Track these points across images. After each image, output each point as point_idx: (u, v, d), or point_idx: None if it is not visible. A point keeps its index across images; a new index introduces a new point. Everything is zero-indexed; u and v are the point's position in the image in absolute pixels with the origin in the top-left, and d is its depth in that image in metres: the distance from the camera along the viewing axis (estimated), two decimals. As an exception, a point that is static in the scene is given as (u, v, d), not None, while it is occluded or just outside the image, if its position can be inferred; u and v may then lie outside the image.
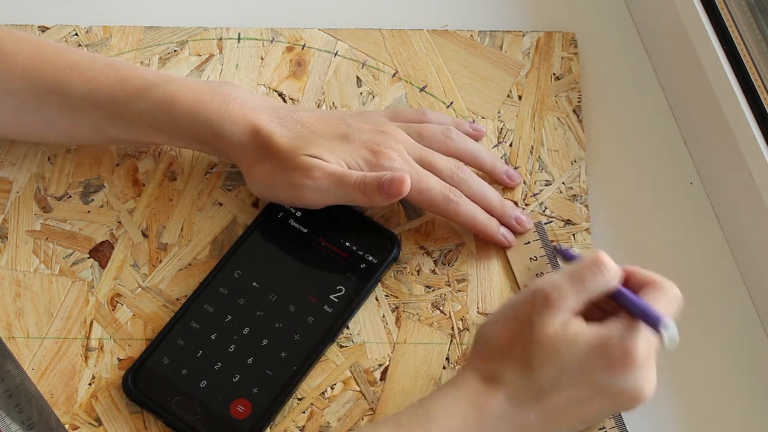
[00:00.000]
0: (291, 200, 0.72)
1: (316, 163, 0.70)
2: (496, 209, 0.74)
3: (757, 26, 0.75)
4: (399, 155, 0.72)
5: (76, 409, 0.70)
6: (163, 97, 0.71)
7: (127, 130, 0.72)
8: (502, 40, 0.83)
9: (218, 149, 0.73)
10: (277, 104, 0.74)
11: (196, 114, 0.71)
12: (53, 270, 0.74)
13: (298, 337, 0.70)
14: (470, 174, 0.74)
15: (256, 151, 0.71)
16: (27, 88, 0.71)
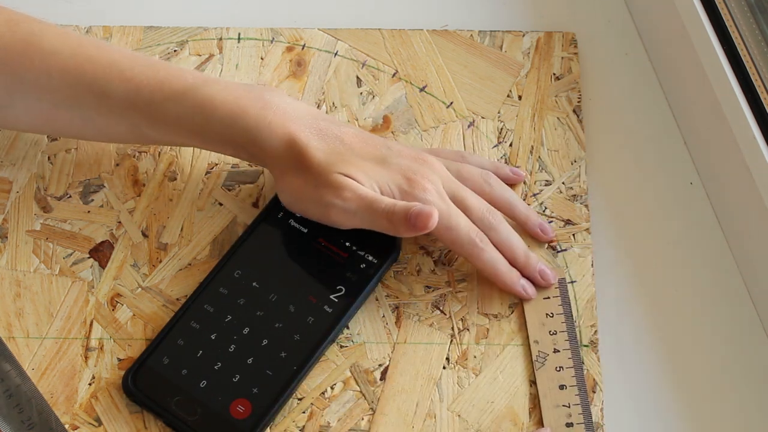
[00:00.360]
0: (318, 217, 0.72)
1: (348, 183, 0.70)
2: (520, 260, 0.73)
3: (757, 26, 0.75)
4: (434, 187, 0.71)
5: (76, 409, 0.70)
6: (201, 101, 0.70)
7: (164, 132, 0.72)
8: (502, 40, 0.83)
9: (254, 155, 0.72)
10: (320, 115, 0.73)
11: (234, 120, 0.70)
12: (53, 270, 0.74)
13: (298, 337, 0.70)
14: (501, 220, 0.73)
15: (291, 161, 0.71)
16: (65, 86, 0.71)
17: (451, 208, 0.71)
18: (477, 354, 0.72)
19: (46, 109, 0.72)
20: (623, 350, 0.73)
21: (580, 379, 0.70)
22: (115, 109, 0.71)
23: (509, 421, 0.70)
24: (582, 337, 0.73)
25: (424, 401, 0.71)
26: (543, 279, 0.73)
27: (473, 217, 0.72)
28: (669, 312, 0.74)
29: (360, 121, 0.79)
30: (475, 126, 0.79)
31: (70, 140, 0.78)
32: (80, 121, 0.72)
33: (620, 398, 0.71)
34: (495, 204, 0.73)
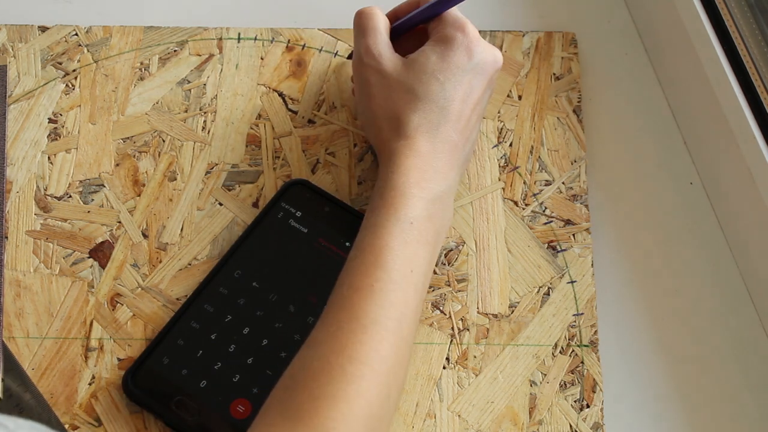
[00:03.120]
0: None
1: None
2: None
3: (757, 26, 0.75)
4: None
5: (76, 409, 0.70)
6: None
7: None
8: (502, 40, 0.83)
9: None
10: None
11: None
12: (53, 270, 0.74)
13: (298, 337, 0.70)
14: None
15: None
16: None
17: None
18: (477, 354, 0.72)
19: None
20: (623, 350, 0.73)
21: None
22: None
23: (509, 421, 0.70)
24: (582, 337, 0.73)
25: (424, 401, 0.71)
26: None
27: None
28: (669, 312, 0.74)
29: (360, 121, 0.79)
30: (475, 126, 0.79)
31: (70, 140, 0.78)
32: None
33: (620, 398, 0.71)
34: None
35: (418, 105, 0.70)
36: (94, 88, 0.80)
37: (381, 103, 0.72)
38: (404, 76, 0.71)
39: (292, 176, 0.77)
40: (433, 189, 0.69)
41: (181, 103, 0.80)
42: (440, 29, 0.72)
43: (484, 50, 0.72)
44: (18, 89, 0.79)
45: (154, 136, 0.78)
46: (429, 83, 0.71)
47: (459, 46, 0.71)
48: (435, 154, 0.70)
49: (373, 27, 0.74)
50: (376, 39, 0.73)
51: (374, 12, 0.74)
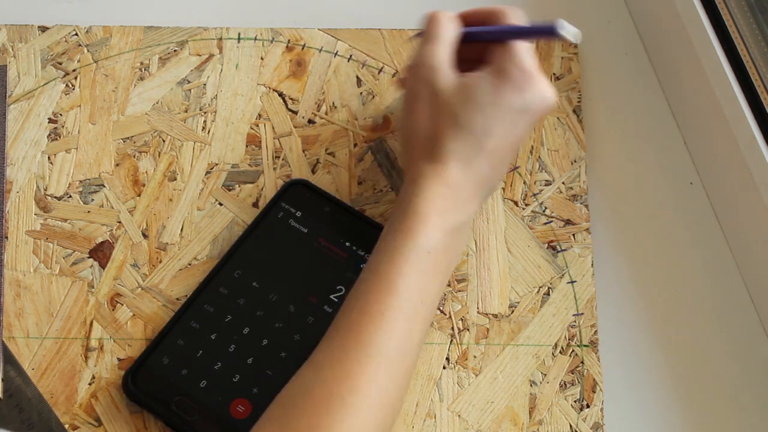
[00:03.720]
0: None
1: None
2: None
3: (757, 26, 0.75)
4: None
5: (76, 409, 0.70)
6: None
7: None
8: (502, 40, 0.83)
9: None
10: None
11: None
12: (53, 270, 0.74)
13: (298, 337, 0.70)
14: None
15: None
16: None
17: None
18: (477, 354, 0.72)
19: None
20: (623, 350, 0.73)
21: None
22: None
23: (509, 421, 0.70)
24: (582, 337, 0.73)
25: (424, 401, 0.71)
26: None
27: None
28: (669, 312, 0.74)
29: (360, 121, 0.79)
30: (475, 126, 0.79)
31: (70, 140, 0.78)
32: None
33: (620, 398, 0.71)
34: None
35: (458, 132, 0.68)
36: (94, 88, 0.80)
37: (423, 120, 0.70)
38: (453, 98, 0.69)
39: (292, 176, 0.77)
40: (454, 219, 0.67)
41: (181, 103, 0.80)
42: (502, 59, 0.69)
43: (538, 91, 0.69)
44: (18, 89, 0.79)
45: (154, 136, 0.78)
46: (474, 113, 0.68)
47: (513, 83, 0.68)
48: (463, 185, 0.68)
49: (440, 36, 0.71)
50: (438, 50, 0.70)
51: (445, 19, 0.72)
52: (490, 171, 0.69)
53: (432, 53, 0.70)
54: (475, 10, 0.73)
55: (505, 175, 0.73)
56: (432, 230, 0.66)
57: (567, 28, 0.68)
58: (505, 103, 0.68)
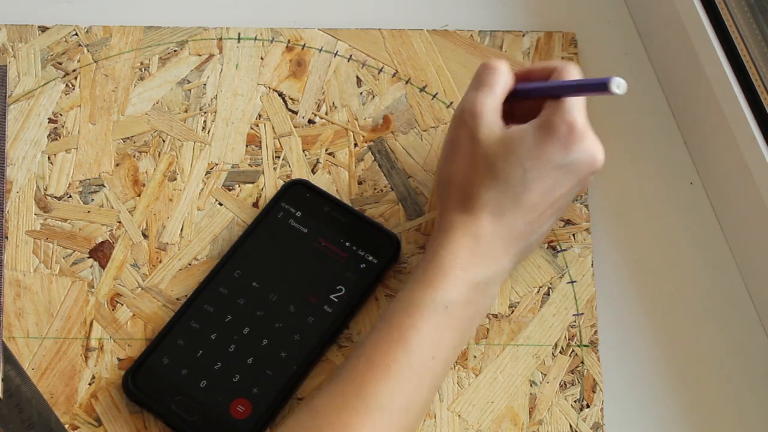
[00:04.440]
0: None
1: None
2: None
3: (757, 26, 0.75)
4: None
5: (76, 409, 0.70)
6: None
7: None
8: (502, 40, 0.83)
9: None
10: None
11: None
12: (53, 270, 0.74)
13: (298, 337, 0.70)
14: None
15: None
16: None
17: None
18: (477, 354, 0.72)
19: None
20: (623, 350, 0.73)
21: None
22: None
23: (509, 421, 0.70)
24: (582, 337, 0.73)
25: (424, 401, 0.70)
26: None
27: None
28: (669, 312, 0.74)
29: (360, 121, 0.79)
30: (475, 126, 0.79)
31: (70, 140, 0.78)
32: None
33: (620, 398, 0.71)
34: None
35: (494, 183, 0.67)
36: (94, 88, 0.80)
37: (460, 168, 0.68)
38: (493, 149, 0.67)
39: (292, 176, 0.77)
40: (479, 274, 0.66)
41: (181, 103, 0.80)
42: (550, 113, 0.67)
43: (584, 149, 0.67)
44: (18, 89, 0.79)
45: (154, 136, 0.78)
46: (513, 167, 0.66)
47: (559, 139, 0.66)
48: (493, 239, 0.67)
49: (490, 84, 0.69)
50: (486, 99, 0.68)
51: (498, 69, 0.69)
52: (526, 228, 0.67)
53: (479, 101, 0.68)
54: (532, 68, 0.72)
55: (546, 234, 0.70)
56: (452, 284, 0.65)
57: (620, 85, 0.65)
58: (548, 158, 0.66)
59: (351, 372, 0.63)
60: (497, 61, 0.70)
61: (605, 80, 0.65)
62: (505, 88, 0.69)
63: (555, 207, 0.68)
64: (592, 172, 0.68)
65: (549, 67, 0.70)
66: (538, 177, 0.67)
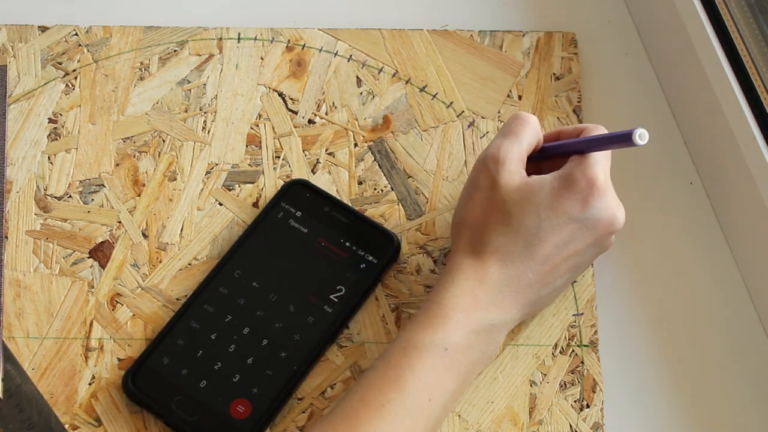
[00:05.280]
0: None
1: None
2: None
3: (757, 26, 0.75)
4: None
5: (76, 409, 0.70)
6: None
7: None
8: (502, 40, 0.83)
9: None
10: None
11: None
12: (53, 270, 0.74)
13: (298, 337, 0.70)
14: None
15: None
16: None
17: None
18: (477, 354, 0.72)
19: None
20: (623, 350, 0.73)
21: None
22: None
23: (509, 421, 0.70)
24: (582, 337, 0.73)
25: (424, 401, 0.70)
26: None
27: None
28: (669, 312, 0.74)
29: (360, 121, 0.79)
30: (475, 126, 0.80)
31: (71, 140, 0.78)
32: None
33: (620, 398, 0.71)
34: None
35: (506, 230, 0.66)
36: (94, 88, 0.80)
37: (475, 211, 0.68)
38: (511, 195, 0.66)
39: (292, 176, 0.77)
40: (482, 319, 0.65)
41: (181, 103, 0.80)
42: (572, 166, 0.67)
43: (603, 208, 0.66)
44: (18, 89, 0.79)
45: (154, 136, 0.78)
46: (528, 215, 0.66)
47: (577, 192, 0.66)
48: (500, 287, 0.66)
49: (517, 134, 0.69)
50: (511, 146, 0.68)
51: (528, 121, 0.69)
52: (537, 279, 0.67)
53: (504, 147, 0.68)
54: (562, 129, 0.72)
55: (561, 289, 0.70)
56: (453, 327, 0.64)
57: (643, 135, 0.65)
58: (564, 210, 0.66)
59: (345, 409, 0.63)
60: (528, 114, 0.70)
61: (628, 132, 0.65)
62: (531, 141, 0.69)
63: (570, 263, 0.68)
64: (610, 232, 0.68)
65: (579, 127, 0.71)
66: (553, 228, 0.66)
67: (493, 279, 0.66)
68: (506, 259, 0.66)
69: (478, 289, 0.66)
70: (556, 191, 0.66)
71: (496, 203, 0.67)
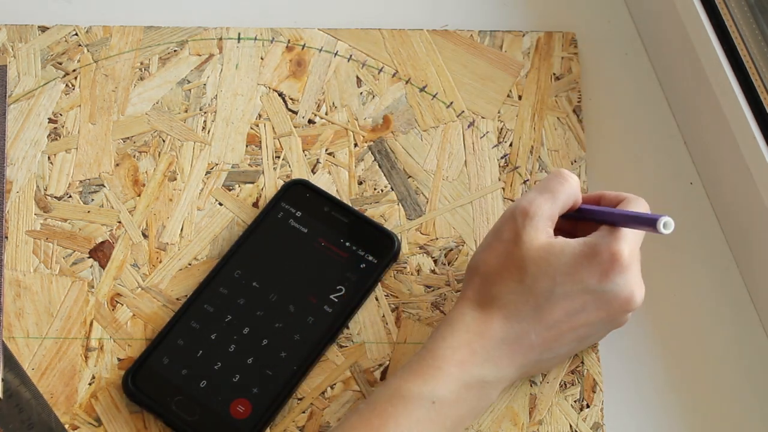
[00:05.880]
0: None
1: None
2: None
3: (757, 26, 0.75)
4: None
5: (76, 409, 0.70)
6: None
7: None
8: (502, 40, 0.83)
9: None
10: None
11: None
12: (53, 270, 0.74)
13: (298, 337, 0.70)
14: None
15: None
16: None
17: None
18: (477, 354, 0.72)
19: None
20: (623, 350, 0.73)
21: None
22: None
23: (509, 421, 0.70)
24: (582, 337, 0.73)
25: (424, 401, 0.70)
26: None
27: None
28: (669, 312, 0.74)
29: (360, 121, 0.79)
30: (475, 126, 0.80)
31: (71, 140, 0.78)
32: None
33: (620, 398, 0.71)
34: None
35: (518, 288, 0.64)
36: (94, 88, 0.80)
37: (491, 262, 0.66)
38: (530, 252, 0.64)
39: (292, 176, 0.77)
40: (476, 374, 0.63)
41: (181, 103, 0.80)
42: (599, 236, 0.65)
43: (622, 284, 0.64)
44: (18, 89, 0.79)
45: (154, 136, 0.78)
46: (542, 277, 0.64)
47: (598, 264, 0.64)
48: (499, 344, 0.64)
49: (553, 191, 0.66)
50: (544, 203, 0.66)
51: (567, 180, 0.67)
52: (540, 343, 0.65)
53: (536, 202, 0.66)
54: (604, 193, 0.70)
55: (564, 357, 0.68)
56: (444, 380, 0.63)
57: (667, 224, 0.63)
58: (581, 278, 0.64)
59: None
60: (570, 174, 0.68)
61: (655, 217, 0.63)
62: (567, 201, 0.67)
63: (578, 333, 0.66)
64: (626, 310, 0.66)
65: (620, 196, 0.69)
66: (566, 295, 0.64)
67: (495, 335, 0.64)
68: (512, 318, 0.64)
69: (477, 343, 0.64)
70: (578, 258, 0.64)
71: (514, 258, 0.65)
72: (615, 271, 0.64)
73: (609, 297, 0.65)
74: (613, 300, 0.65)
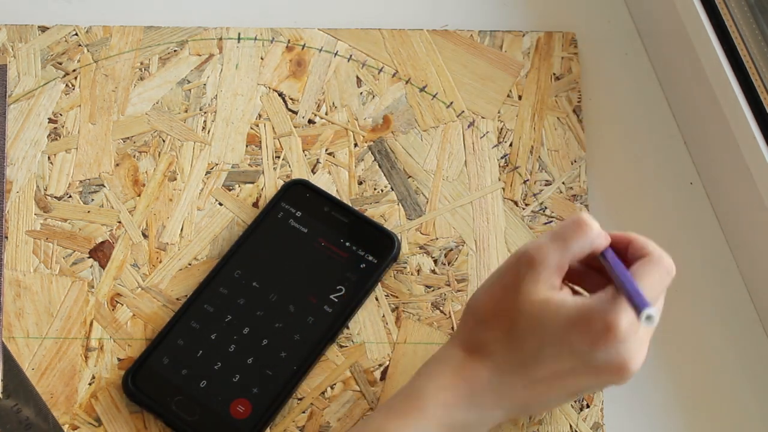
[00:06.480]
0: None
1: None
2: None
3: (757, 26, 0.75)
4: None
5: (76, 409, 0.70)
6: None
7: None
8: (502, 40, 0.83)
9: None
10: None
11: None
12: (53, 270, 0.74)
13: (298, 337, 0.70)
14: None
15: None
16: None
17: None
18: (477, 354, 0.72)
19: None
20: (623, 350, 0.73)
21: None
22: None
23: (509, 421, 0.70)
24: (582, 337, 0.72)
25: (424, 401, 0.70)
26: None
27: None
28: (669, 311, 0.74)
29: (360, 121, 0.79)
30: (475, 126, 0.80)
31: (71, 140, 0.78)
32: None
33: (620, 398, 0.71)
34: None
35: (507, 340, 0.62)
36: (94, 88, 0.80)
37: (488, 306, 0.63)
38: (525, 306, 0.61)
39: (292, 176, 0.77)
40: (460, 417, 0.61)
41: (181, 103, 0.80)
42: (600, 299, 0.60)
43: (613, 354, 0.60)
44: (18, 89, 0.79)
45: (154, 136, 0.78)
46: (531, 335, 0.61)
47: (589, 332, 0.60)
48: (484, 390, 0.62)
49: (566, 240, 0.62)
50: (552, 253, 0.62)
51: (584, 230, 0.63)
52: (526, 394, 0.62)
53: (543, 251, 0.62)
54: (630, 239, 0.65)
55: (550, 408, 0.67)
56: (425, 422, 0.60)
57: (650, 318, 0.57)
58: (570, 342, 0.60)
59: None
60: (590, 222, 0.63)
61: (642, 305, 0.58)
62: (580, 251, 0.63)
63: (566, 391, 0.63)
64: (619, 378, 0.62)
65: (645, 249, 0.64)
66: (554, 356, 0.61)
67: (481, 382, 0.62)
68: (499, 369, 0.62)
69: (463, 387, 0.62)
70: (571, 321, 0.60)
71: (509, 308, 0.62)
72: (607, 341, 0.60)
73: (599, 365, 0.61)
74: (603, 369, 0.61)
